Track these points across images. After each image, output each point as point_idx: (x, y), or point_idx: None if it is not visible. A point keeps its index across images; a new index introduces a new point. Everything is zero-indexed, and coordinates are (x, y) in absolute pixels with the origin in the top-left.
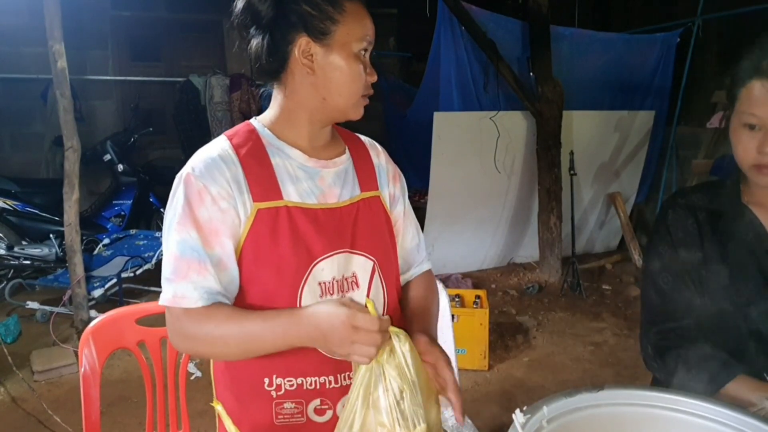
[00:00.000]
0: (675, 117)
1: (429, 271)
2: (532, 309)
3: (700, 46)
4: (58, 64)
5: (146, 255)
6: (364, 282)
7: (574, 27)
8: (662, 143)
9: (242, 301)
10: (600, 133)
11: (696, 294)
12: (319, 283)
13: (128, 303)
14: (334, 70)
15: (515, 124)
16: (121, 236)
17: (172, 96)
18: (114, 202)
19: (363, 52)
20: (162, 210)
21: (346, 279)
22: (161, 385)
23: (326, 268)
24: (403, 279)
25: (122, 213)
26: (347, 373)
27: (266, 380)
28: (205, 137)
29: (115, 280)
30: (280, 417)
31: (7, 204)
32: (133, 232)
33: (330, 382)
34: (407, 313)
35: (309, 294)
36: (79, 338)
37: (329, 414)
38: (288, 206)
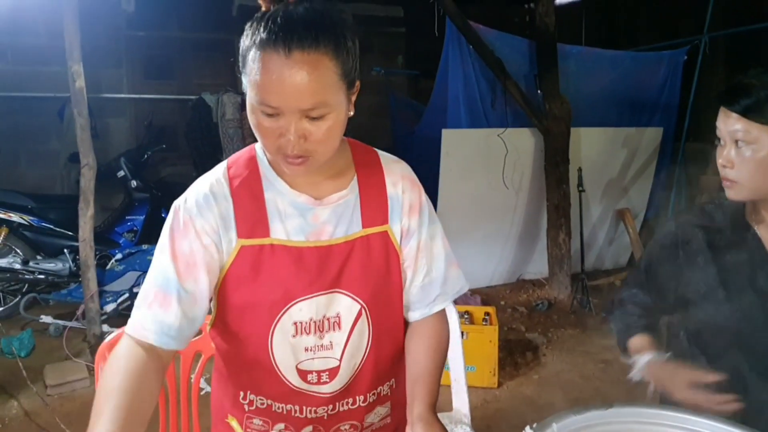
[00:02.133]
0: (683, 133)
1: (438, 314)
2: (542, 326)
3: (708, 63)
4: (77, 83)
5: None
6: (347, 324)
7: (581, 45)
8: (671, 159)
9: (222, 332)
10: (608, 150)
11: (671, 299)
12: (294, 323)
13: None
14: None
15: (523, 141)
16: (133, 251)
17: (185, 113)
18: (127, 217)
19: (267, 114)
20: None
21: (327, 319)
22: (174, 400)
23: (304, 309)
24: (409, 316)
25: (135, 228)
26: (314, 407)
27: (241, 393)
28: (217, 154)
29: (127, 295)
30: (249, 430)
31: (23, 219)
32: (145, 247)
33: (296, 411)
34: (409, 376)
35: (280, 333)
36: (91, 352)
37: None
38: (273, 244)
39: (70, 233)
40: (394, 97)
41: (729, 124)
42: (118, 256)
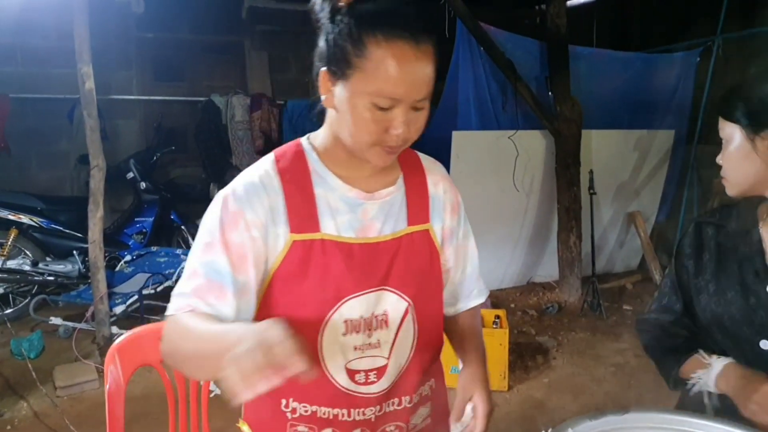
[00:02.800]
0: (695, 136)
1: (474, 308)
2: (552, 329)
3: (721, 64)
4: (86, 85)
5: (167, 272)
6: (394, 322)
7: (593, 47)
8: (683, 162)
9: None
10: (619, 152)
11: (684, 303)
12: (345, 321)
13: (149, 320)
14: (343, 111)
15: (534, 143)
16: (142, 253)
17: (194, 115)
18: (136, 219)
19: (380, 108)
20: (183, 227)
21: (376, 317)
22: (183, 401)
23: (356, 306)
24: (449, 312)
25: (144, 230)
26: (362, 409)
27: (283, 401)
28: (226, 155)
29: (136, 297)
30: None
31: (33, 221)
32: (154, 249)
33: (343, 415)
34: (456, 342)
35: (330, 332)
36: (100, 354)
37: None
38: (324, 239)
39: (79, 235)
40: None
41: (719, 124)
42: (128, 257)
